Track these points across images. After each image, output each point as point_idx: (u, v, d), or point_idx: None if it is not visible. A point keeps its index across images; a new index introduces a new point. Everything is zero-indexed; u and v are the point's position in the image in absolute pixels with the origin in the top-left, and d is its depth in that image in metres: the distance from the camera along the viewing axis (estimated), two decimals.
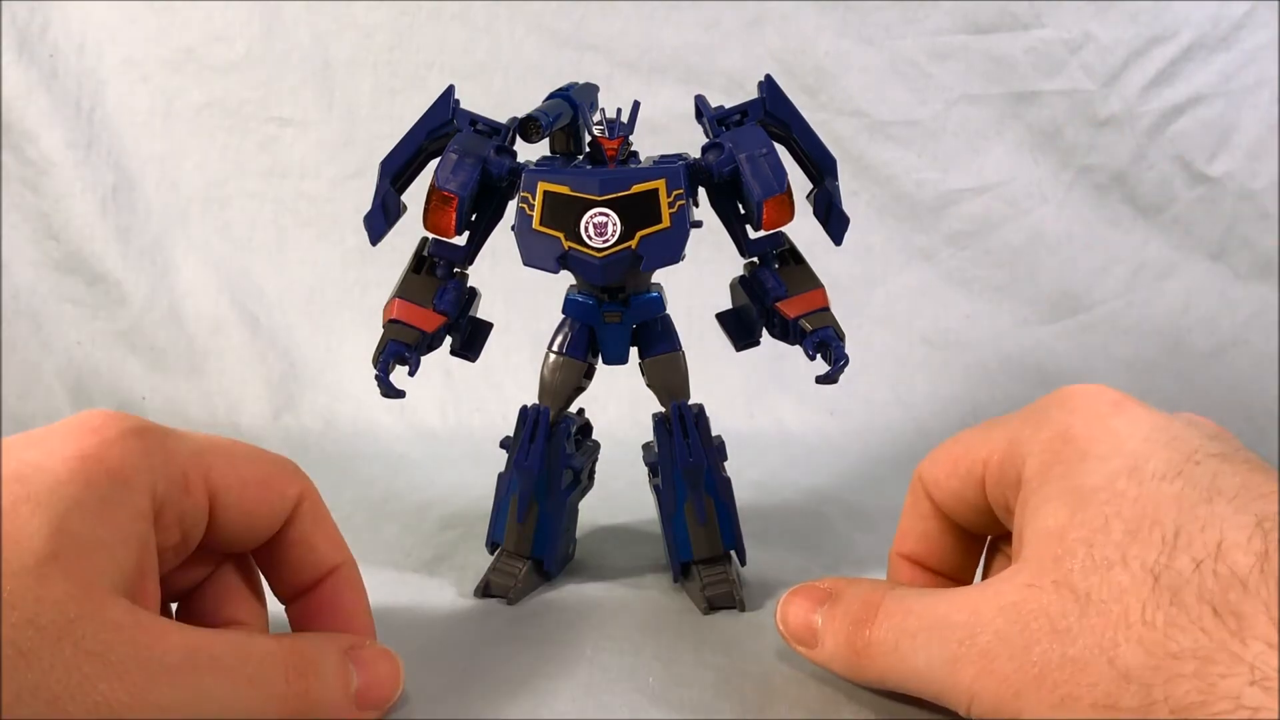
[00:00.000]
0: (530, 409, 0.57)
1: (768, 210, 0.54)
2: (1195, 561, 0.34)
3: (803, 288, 0.57)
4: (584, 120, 0.57)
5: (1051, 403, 0.43)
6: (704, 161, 0.55)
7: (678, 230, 0.53)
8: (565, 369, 0.57)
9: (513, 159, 0.56)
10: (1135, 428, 0.40)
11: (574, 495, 0.61)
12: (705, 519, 0.56)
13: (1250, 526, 0.34)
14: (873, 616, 0.43)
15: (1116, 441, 0.40)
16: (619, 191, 0.52)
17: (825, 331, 0.55)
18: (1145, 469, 0.38)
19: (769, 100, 0.57)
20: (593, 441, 0.63)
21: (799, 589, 0.47)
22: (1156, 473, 0.38)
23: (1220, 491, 0.36)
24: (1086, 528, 0.37)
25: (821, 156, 0.58)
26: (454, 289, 0.56)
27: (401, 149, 0.56)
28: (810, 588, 0.47)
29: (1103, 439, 0.40)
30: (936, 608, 0.40)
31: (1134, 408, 0.41)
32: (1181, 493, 0.36)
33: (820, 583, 0.47)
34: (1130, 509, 0.37)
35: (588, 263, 0.53)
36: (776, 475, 0.81)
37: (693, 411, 0.56)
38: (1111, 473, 0.38)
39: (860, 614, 0.43)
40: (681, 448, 0.56)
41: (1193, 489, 0.37)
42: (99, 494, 0.38)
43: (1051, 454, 0.41)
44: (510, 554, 0.58)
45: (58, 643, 0.34)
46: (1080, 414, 0.42)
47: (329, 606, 0.47)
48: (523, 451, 0.57)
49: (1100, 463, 0.39)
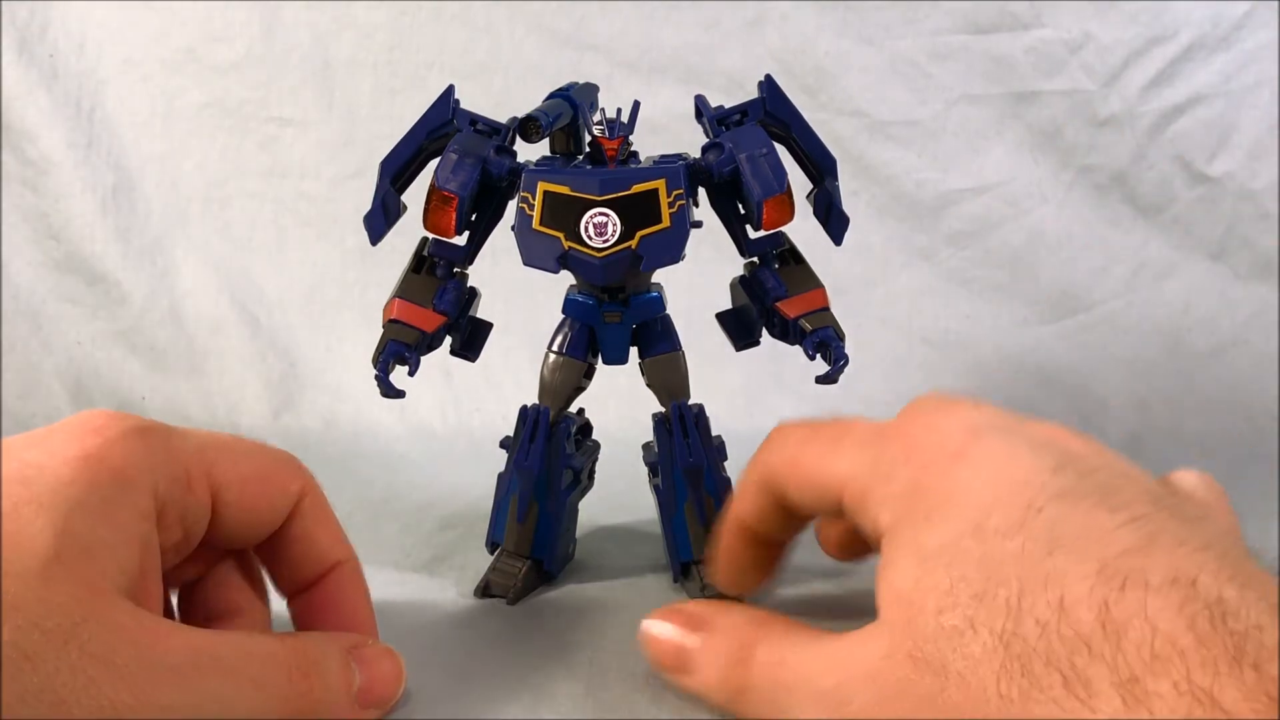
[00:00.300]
0: (530, 409, 0.58)
1: (768, 210, 0.54)
2: (1040, 625, 0.33)
3: (803, 287, 0.57)
4: (584, 120, 0.57)
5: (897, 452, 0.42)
6: (704, 161, 0.55)
7: (678, 230, 0.53)
8: (565, 369, 0.58)
9: (513, 159, 0.56)
10: (978, 476, 0.39)
11: (574, 495, 0.61)
12: (706, 519, 0.56)
13: (1092, 576, 0.33)
14: (749, 658, 0.42)
15: (961, 496, 0.39)
16: (619, 191, 0.52)
17: (825, 331, 0.55)
18: (988, 525, 0.37)
19: (769, 100, 0.57)
20: (593, 441, 0.63)
21: (665, 611, 0.46)
22: (998, 529, 0.37)
23: (1059, 542, 0.35)
24: (934, 592, 0.36)
25: (821, 156, 0.58)
26: (454, 289, 0.56)
27: (401, 149, 0.56)
28: (678, 611, 0.46)
29: (948, 495, 0.39)
30: (807, 663, 0.40)
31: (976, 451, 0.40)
32: (1023, 548, 0.36)
33: (686, 606, 0.46)
34: (974, 571, 0.36)
35: (588, 263, 0.53)
36: None
37: (693, 411, 0.56)
38: (956, 533, 0.38)
39: (737, 652, 0.42)
40: (681, 448, 0.56)
41: (1034, 543, 0.36)
42: (102, 494, 0.38)
43: (904, 509, 0.40)
44: (510, 554, 0.58)
45: (63, 646, 0.34)
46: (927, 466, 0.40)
47: (331, 602, 0.47)
48: (523, 451, 0.57)
49: (944, 524, 0.38)
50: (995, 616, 0.34)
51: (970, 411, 0.42)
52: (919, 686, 0.35)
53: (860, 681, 0.37)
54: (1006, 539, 0.36)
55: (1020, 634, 0.33)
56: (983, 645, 0.34)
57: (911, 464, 0.41)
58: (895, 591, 0.38)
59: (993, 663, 0.33)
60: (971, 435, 0.41)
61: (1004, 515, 0.37)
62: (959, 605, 0.35)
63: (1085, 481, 0.38)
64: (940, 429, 0.42)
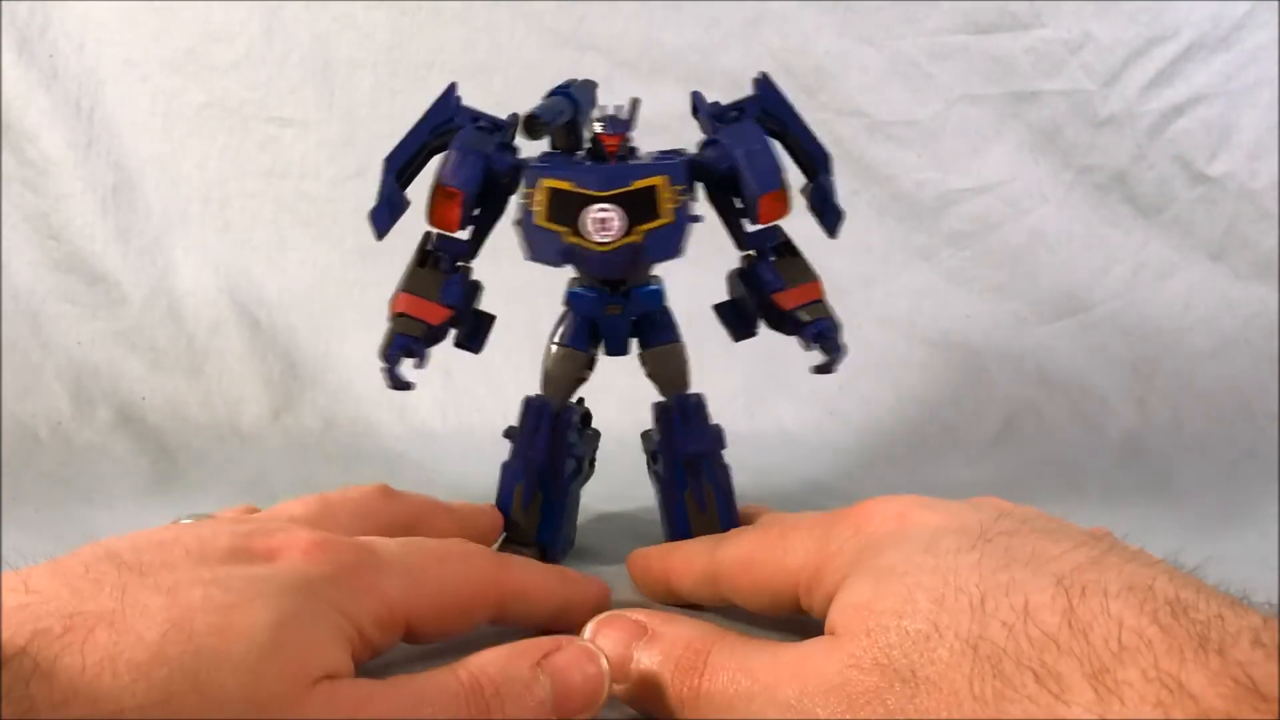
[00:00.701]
0: (534, 399, 0.58)
1: (764, 205, 0.54)
2: (1006, 627, 0.33)
3: (799, 280, 0.57)
4: (584, 117, 0.57)
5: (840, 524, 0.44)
6: (702, 157, 0.56)
7: (678, 225, 0.53)
8: (567, 360, 0.58)
9: (515, 155, 0.56)
10: (924, 523, 0.41)
11: (576, 483, 0.62)
12: (705, 506, 0.57)
13: (1051, 586, 0.34)
14: (701, 666, 0.41)
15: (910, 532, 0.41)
16: (621, 187, 0.52)
17: (822, 322, 0.56)
18: (939, 546, 0.38)
19: (764, 97, 0.58)
20: (593, 430, 0.64)
21: (608, 619, 0.45)
22: (951, 548, 0.38)
23: (1015, 559, 0.36)
24: (893, 599, 0.37)
25: (816, 151, 0.58)
26: (458, 282, 0.57)
27: (406, 145, 0.57)
28: (622, 619, 0.45)
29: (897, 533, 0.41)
30: (766, 671, 0.39)
31: (919, 512, 0.43)
32: (979, 561, 0.37)
33: (632, 614, 0.45)
34: (930, 578, 0.37)
35: (590, 257, 0.53)
36: (776, 474, 0.81)
37: (692, 401, 0.57)
38: (909, 552, 0.39)
39: (687, 660, 0.42)
40: (682, 436, 0.56)
41: (989, 559, 0.37)
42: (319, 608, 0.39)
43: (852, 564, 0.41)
44: (514, 541, 0.60)
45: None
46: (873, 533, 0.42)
47: None
48: (527, 440, 0.58)
49: (895, 549, 0.40)
50: (960, 620, 0.35)
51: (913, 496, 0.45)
52: (889, 695, 0.35)
53: (824, 693, 0.37)
54: (961, 554, 0.37)
55: (987, 636, 0.34)
56: (950, 649, 0.34)
57: (860, 535, 0.43)
58: (852, 604, 0.39)
59: (963, 666, 0.33)
60: (915, 504, 0.43)
61: (955, 540, 0.38)
62: (920, 611, 0.36)
63: (1026, 525, 0.40)
64: (885, 504, 0.44)
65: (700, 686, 0.41)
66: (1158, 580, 0.34)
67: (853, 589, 0.39)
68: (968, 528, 0.39)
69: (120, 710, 0.32)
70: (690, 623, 0.45)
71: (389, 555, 0.44)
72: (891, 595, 0.37)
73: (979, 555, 0.37)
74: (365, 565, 0.43)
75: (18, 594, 0.35)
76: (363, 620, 0.41)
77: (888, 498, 0.44)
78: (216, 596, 0.37)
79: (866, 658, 0.36)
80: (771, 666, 0.39)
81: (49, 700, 0.31)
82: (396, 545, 0.45)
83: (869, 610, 0.37)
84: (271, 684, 0.35)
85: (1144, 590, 0.33)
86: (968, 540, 0.38)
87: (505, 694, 0.39)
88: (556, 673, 0.41)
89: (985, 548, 0.38)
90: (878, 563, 0.39)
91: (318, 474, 0.84)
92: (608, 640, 0.44)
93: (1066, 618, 0.33)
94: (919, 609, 0.36)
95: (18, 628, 0.33)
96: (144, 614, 0.35)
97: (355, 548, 0.43)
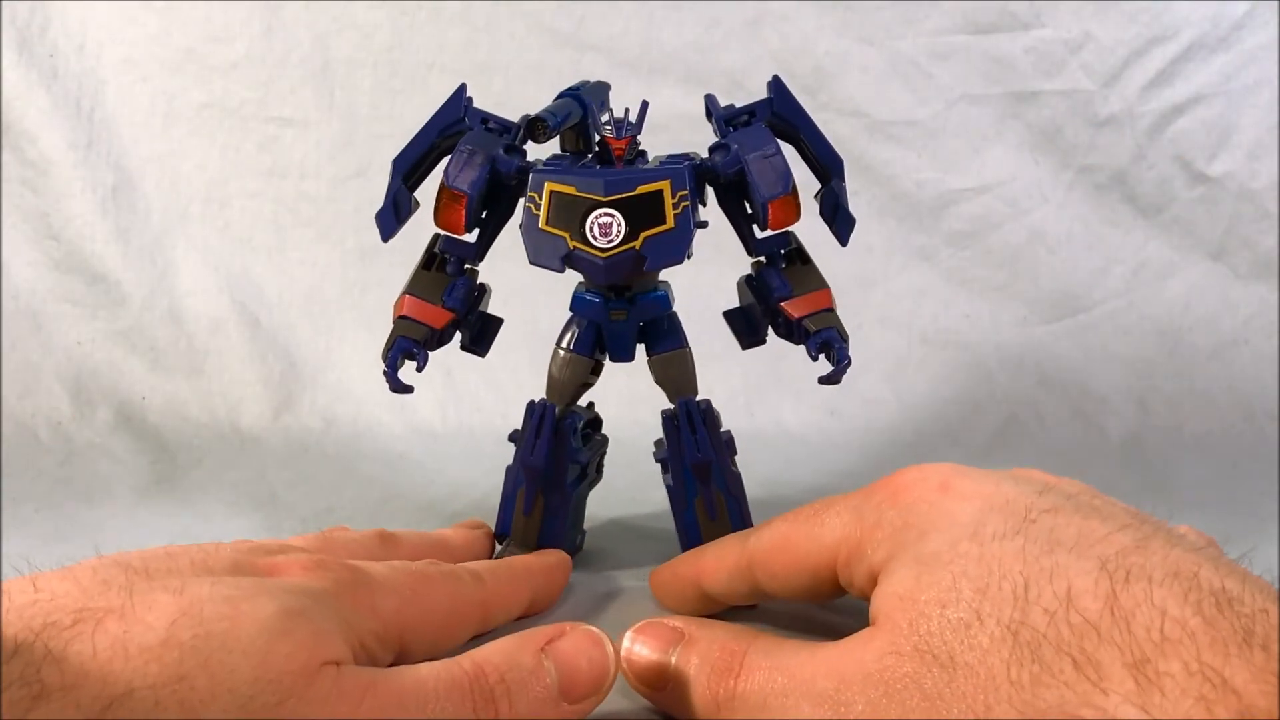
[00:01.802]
0: (537, 404, 0.58)
1: (773, 210, 0.54)
2: (1048, 614, 0.33)
3: (808, 288, 0.57)
4: (593, 120, 0.57)
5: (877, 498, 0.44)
6: (710, 161, 0.56)
7: (681, 231, 0.53)
8: (573, 365, 0.58)
9: (522, 157, 0.56)
10: (966, 503, 0.40)
11: (581, 489, 0.62)
12: (716, 514, 0.57)
13: (1095, 571, 0.34)
14: (737, 668, 0.41)
15: (952, 517, 0.40)
16: (624, 192, 0.52)
17: (829, 332, 0.55)
18: (985, 531, 0.38)
19: (777, 101, 0.58)
20: (601, 435, 0.64)
21: (645, 626, 0.45)
22: (996, 533, 0.38)
23: (1059, 542, 0.36)
24: (936, 588, 0.37)
25: (829, 157, 0.58)
26: (463, 285, 0.57)
27: (413, 147, 0.56)
28: (659, 626, 0.45)
29: (937, 517, 0.40)
30: (803, 667, 0.39)
31: (961, 483, 0.42)
32: (1023, 547, 0.36)
33: (668, 621, 0.45)
34: (975, 567, 0.36)
35: (592, 263, 0.53)
36: (777, 474, 0.81)
37: (700, 407, 0.57)
38: (952, 539, 0.38)
39: (723, 662, 0.42)
40: (690, 444, 0.56)
41: (1033, 543, 0.36)
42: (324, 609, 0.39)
43: (896, 541, 0.41)
44: (517, 545, 0.60)
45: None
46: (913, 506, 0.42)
47: None
48: (528, 446, 0.58)
49: (939, 534, 0.39)
50: (1002, 607, 0.35)
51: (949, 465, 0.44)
52: (925, 680, 0.35)
53: (862, 682, 0.37)
54: (1005, 540, 0.37)
55: (1028, 623, 0.34)
56: (990, 635, 0.34)
57: (898, 506, 0.42)
58: (895, 594, 0.38)
59: (1001, 651, 0.34)
60: (954, 473, 0.42)
61: (999, 524, 0.38)
62: (963, 599, 0.36)
63: (1070, 502, 0.39)
64: (923, 474, 0.43)
65: (736, 688, 0.41)
66: (1202, 569, 0.34)
67: (895, 577, 0.39)
68: (1012, 507, 0.39)
69: (131, 691, 0.32)
70: (726, 626, 0.45)
71: (380, 576, 0.45)
72: (935, 585, 0.37)
73: (1023, 541, 0.37)
74: (360, 584, 0.43)
75: (27, 593, 0.35)
76: (363, 632, 0.41)
77: (925, 466, 0.44)
78: (224, 592, 0.37)
79: (906, 645, 0.36)
80: (809, 662, 0.39)
81: (60, 683, 0.31)
82: (384, 568, 0.46)
83: (911, 600, 0.37)
84: (280, 664, 0.35)
85: (1189, 579, 0.33)
86: (1012, 523, 0.38)
87: (511, 682, 0.39)
88: (562, 659, 0.41)
89: (1029, 530, 0.37)
90: (921, 549, 0.39)
91: (318, 474, 0.84)
92: (645, 647, 0.44)
93: (1109, 605, 0.33)
94: (962, 598, 0.36)
95: (28, 621, 0.33)
96: (153, 607, 0.35)
97: (350, 568, 0.44)
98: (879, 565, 0.41)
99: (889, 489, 0.44)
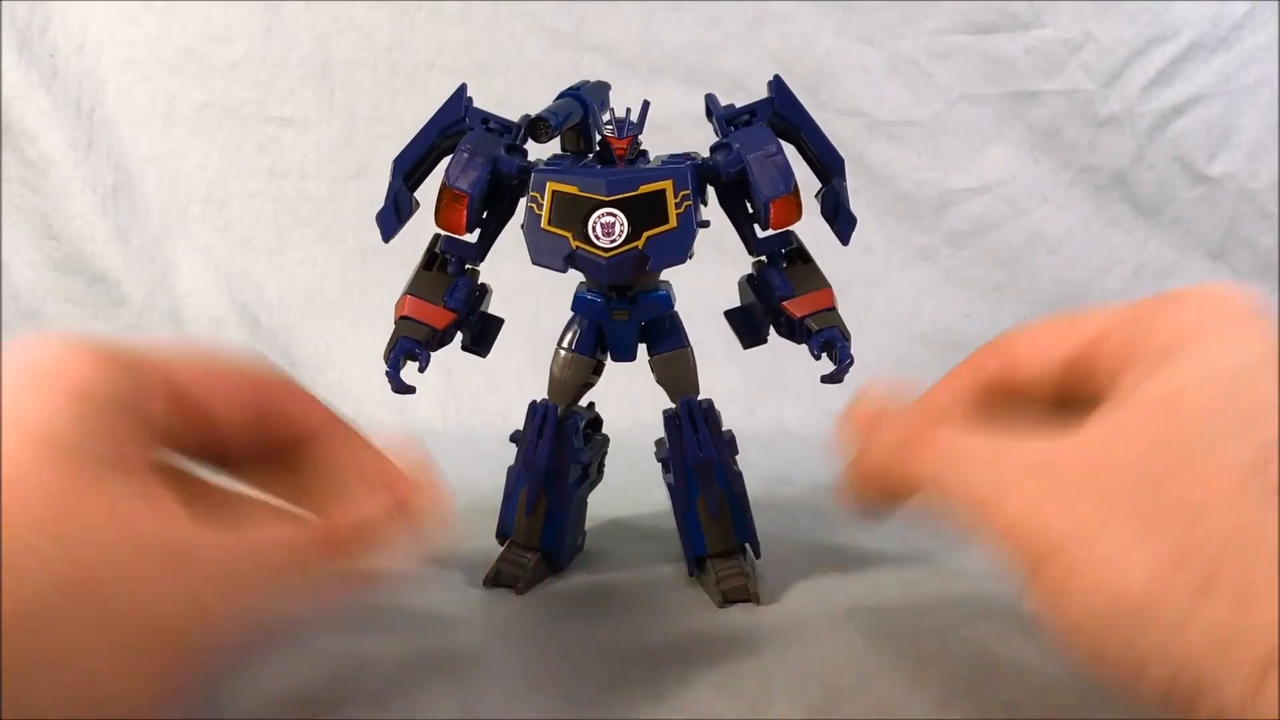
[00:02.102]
0: (539, 404, 0.58)
1: (775, 210, 0.54)
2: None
3: (809, 287, 0.57)
4: (594, 119, 0.57)
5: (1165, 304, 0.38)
6: (712, 161, 0.56)
7: (684, 231, 0.53)
8: (574, 365, 0.58)
9: (523, 157, 0.56)
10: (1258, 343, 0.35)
11: (582, 489, 0.62)
12: (718, 513, 0.57)
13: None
14: (922, 441, 0.39)
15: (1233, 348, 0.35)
16: (626, 192, 0.52)
17: (831, 332, 0.55)
18: (1260, 375, 0.33)
19: (778, 100, 0.57)
20: (603, 435, 0.64)
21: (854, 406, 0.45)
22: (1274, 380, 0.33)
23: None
24: (1190, 405, 0.33)
25: (830, 157, 0.58)
26: (464, 286, 0.56)
27: (414, 147, 0.56)
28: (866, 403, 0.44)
29: (1218, 345, 0.35)
30: (1005, 440, 0.37)
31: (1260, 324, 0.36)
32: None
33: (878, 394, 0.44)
34: (1237, 406, 0.32)
35: (595, 262, 0.53)
36: (778, 473, 0.81)
37: (702, 407, 0.57)
38: (1220, 368, 0.34)
39: (911, 438, 0.40)
40: (692, 443, 0.56)
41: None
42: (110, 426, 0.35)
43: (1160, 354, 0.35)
44: (519, 545, 0.59)
45: None
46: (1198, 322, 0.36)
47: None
48: (531, 447, 0.57)
49: (1209, 359, 0.34)
50: (1247, 448, 0.31)
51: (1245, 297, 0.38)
52: (1152, 465, 0.32)
53: (1078, 450, 0.34)
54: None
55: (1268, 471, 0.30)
56: (1223, 466, 0.31)
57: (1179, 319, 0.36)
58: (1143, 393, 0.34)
59: (1230, 481, 0.30)
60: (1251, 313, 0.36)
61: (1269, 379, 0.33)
62: (1215, 424, 0.32)
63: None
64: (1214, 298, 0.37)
65: (938, 432, 0.39)
66: None
67: (1150, 384, 0.34)
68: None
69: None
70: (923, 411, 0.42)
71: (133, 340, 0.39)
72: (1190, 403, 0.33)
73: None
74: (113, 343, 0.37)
75: None
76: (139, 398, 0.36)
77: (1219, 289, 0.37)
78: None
79: (1148, 430, 0.33)
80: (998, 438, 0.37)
81: None
82: None
83: (1161, 403, 0.33)
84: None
85: None
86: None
87: None
88: None
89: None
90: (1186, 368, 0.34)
91: None
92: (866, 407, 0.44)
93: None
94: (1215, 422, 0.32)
95: None
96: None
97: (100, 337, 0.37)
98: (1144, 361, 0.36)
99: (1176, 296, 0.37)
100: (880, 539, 0.66)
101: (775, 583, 0.58)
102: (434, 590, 0.59)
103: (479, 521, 0.68)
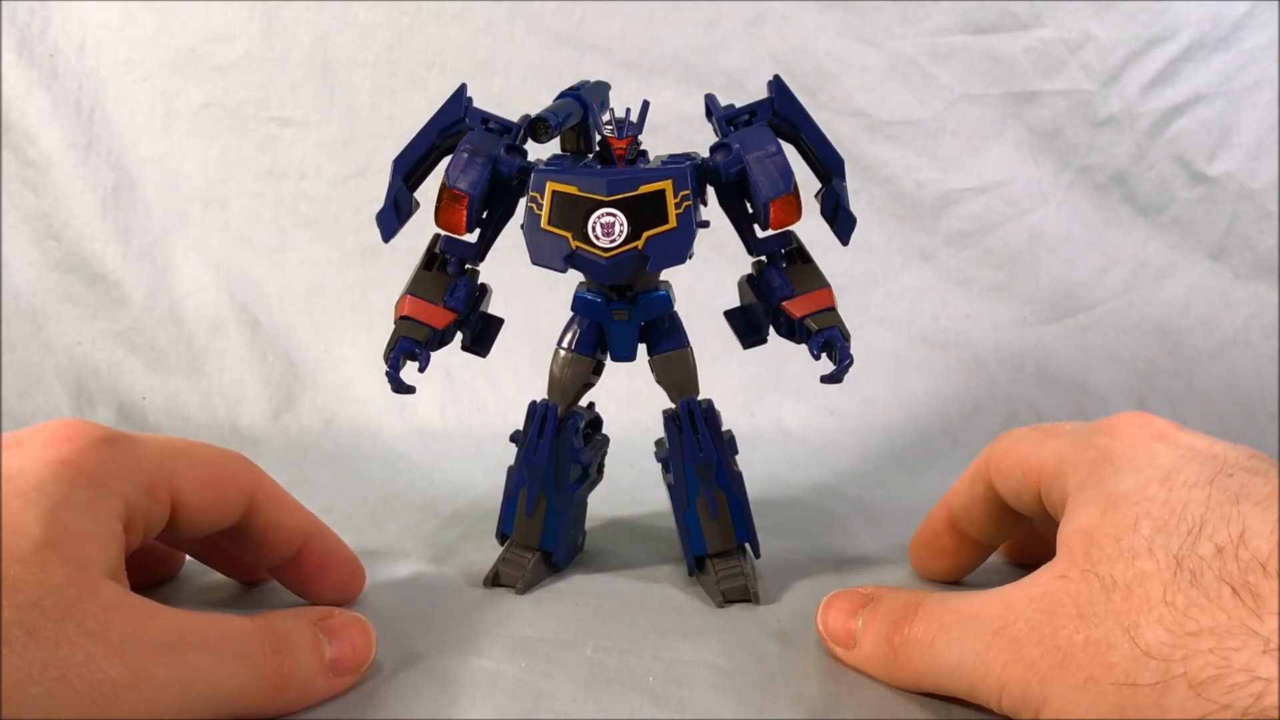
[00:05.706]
0: (539, 404, 0.58)
1: (774, 210, 0.54)
2: (1217, 548, 0.35)
3: (809, 287, 0.57)
4: (594, 119, 0.57)
5: (1099, 428, 0.46)
6: (712, 161, 0.56)
7: (684, 231, 0.53)
8: (574, 365, 0.58)
9: (523, 158, 0.56)
10: (1172, 449, 0.42)
11: (582, 489, 0.62)
12: (718, 513, 0.57)
13: (1273, 522, 0.35)
14: (912, 615, 0.44)
15: (1151, 458, 0.42)
16: (626, 192, 0.52)
17: (831, 331, 0.55)
18: (1177, 478, 0.40)
19: (778, 101, 0.57)
20: (602, 435, 0.64)
21: (840, 594, 0.49)
22: (1188, 481, 0.39)
23: (1248, 496, 0.38)
24: (1117, 526, 0.39)
25: (830, 157, 0.58)
26: (464, 286, 0.57)
27: (414, 147, 0.56)
28: (853, 593, 0.49)
29: (1139, 456, 0.42)
30: (972, 604, 0.42)
31: (1177, 434, 0.44)
32: (1210, 496, 0.38)
33: (863, 589, 0.49)
34: (1159, 510, 0.38)
35: (595, 262, 0.53)
36: (778, 473, 0.81)
37: (701, 407, 0.57)
38: (1144, 480, 0.40)
39: (900, 614, 0.45)
40: (691, 443, 0.56)
41: (1221, 493, 0.38)
42: (81, 494, 0.41)
43: (1091, 472, 0.43)
44: (519, 545, 0.59)
45: (60, 623, 0.36)
46: (1123, 439, 0.44)
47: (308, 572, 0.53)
48: (531, 447, 0.58)
49: (1134, 473, 0.41)
50: (1173, 540, 0.37)
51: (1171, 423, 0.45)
52: (1084, 598, 0.37)
53: (1026, 602, 0.39)
54: (1194, 488, 0.39)
55: (1196, 553, 0.35)
56: (1155, 562, 0.36)
57: (1109, 437, 0.44)
58: (1078, 529, 0.41)
59: (1163, 576, 0.36)
60: (1175, 426, 0.44)
61: (1195, 472, 0.40)
62: (1140, 534, 0.38)
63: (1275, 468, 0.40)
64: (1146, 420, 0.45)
65: (910, 632, 0.44)
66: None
67: (1082, 512, 0.41)
68: (1214, 461, 0.40)
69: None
70: (910, 589, 0.48)
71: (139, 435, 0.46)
72: (1116, 522, 0.39)
73: (1210, 490, 0.38)
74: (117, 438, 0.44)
75: None
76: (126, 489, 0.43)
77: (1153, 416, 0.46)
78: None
79: (1075, 570, 0.39)
80: (979, 598, 0.42)
81: None
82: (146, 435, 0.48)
83: (1092, 536, 0.39)
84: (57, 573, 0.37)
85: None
86: (1207, 473, 0.39)
87: (296, 643, 0.43)
88: (332, 632, 0.46)
89: (1221, 482, 0.39)
90: (1113, 487, 0.41)
91: (318, 474, 0.84)
92: (837, 613, 0.48)
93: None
94: (1140, 533, 0.38)
95: None
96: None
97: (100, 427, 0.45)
98: (1072, 491, 0.43)
99: (1110, 423, 0.46)
100: (880, 539, 0.67)
101: (775, 583, 0.59)
102: (433, 590, 0.59)
103: (479, 521, 0.68)
